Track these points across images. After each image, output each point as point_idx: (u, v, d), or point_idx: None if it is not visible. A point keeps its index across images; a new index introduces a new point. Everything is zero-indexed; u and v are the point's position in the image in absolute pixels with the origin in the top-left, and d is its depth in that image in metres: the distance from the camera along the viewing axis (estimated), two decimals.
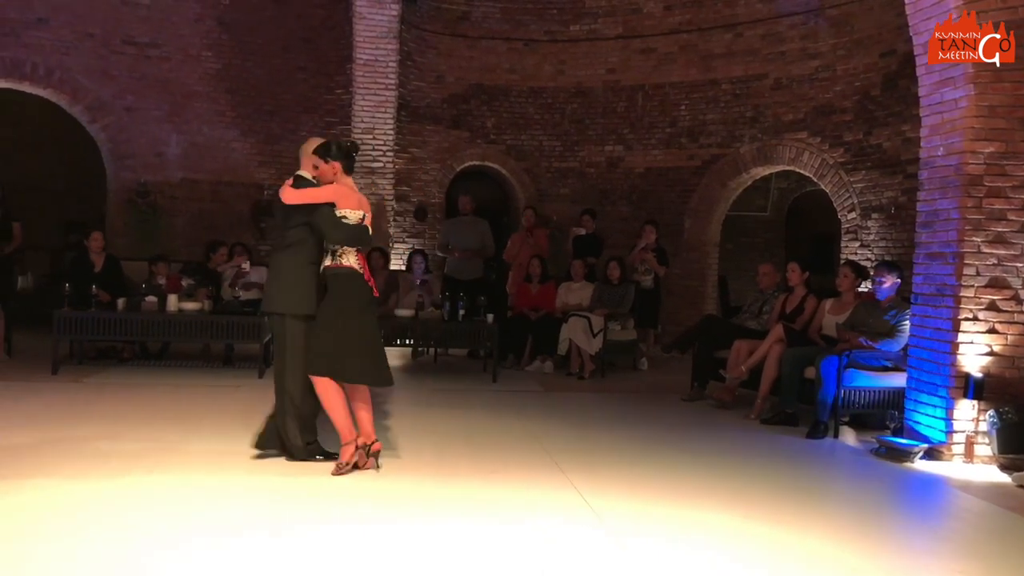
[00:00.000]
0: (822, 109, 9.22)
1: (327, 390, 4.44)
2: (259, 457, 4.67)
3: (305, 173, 4.71)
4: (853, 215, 8.86)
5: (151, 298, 7.39)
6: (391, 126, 10.17)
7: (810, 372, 6.00)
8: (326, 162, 4.60)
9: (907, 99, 7.80)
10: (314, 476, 4.37)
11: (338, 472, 4.37)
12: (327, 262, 4.50)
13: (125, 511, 3.73)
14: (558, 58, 10.90)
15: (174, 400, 6.25)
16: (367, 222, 4.63)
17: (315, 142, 4.73)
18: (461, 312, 7.75)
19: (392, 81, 10.03)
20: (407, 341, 8.00)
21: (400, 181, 10.50)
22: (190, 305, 7.44)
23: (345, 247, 4.48)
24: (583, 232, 9.45)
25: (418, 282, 8.77)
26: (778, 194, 13.08)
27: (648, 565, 3.34)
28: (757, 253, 12.46)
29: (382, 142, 10.17)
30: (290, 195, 4.55)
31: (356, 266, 4.51)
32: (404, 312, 7.95)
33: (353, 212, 4.54)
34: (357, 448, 4.46)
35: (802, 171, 9.71)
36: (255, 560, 3.22)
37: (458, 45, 10.83)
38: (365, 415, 4.53)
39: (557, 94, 10.98)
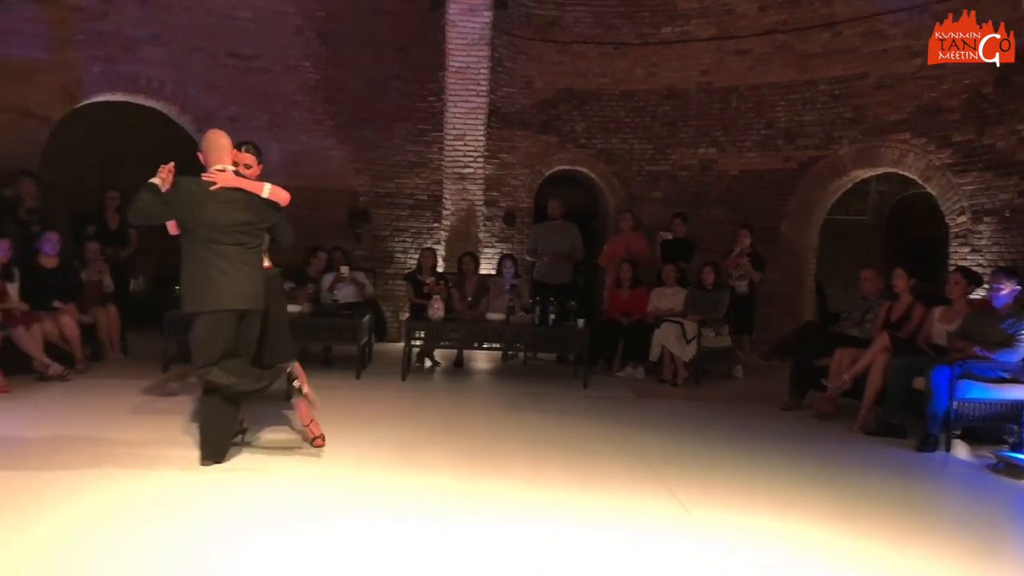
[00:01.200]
0: (928, 108, 8.85)
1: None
2: (357, 456, 4.78)
3: (228, 167, 4.56)
4: (963, 219, 8.46)
5: None
6: (482, 132, 10.29)
7: (919, 383, 5.76)
8: (258, 163, 4.76)
9: (1023, 97, 7.42)
10: (408, 474, 4.45)
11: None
12: (266, 263, 4.74)
13: (220, 500, 3.88)
14: (649, 61, 10.80)
15: (277, 399, 6.45)
16: None
17: (225, 136, 4.63)
18: (551, 316, 7.76)
19: (483, 88, 10.14)
20: (497, 344, 8.07)
21: (490, 186, 10.59)
22: (291, 308, 7.66)
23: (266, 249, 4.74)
24: (670, 236, 9.34)
25: (508, 286, 8.82)
26: (878, 197, 12.63)
27: None
28: (855, 258, 12.04)
29: (472, 148, 10.29)
30: (284, 195, 4.65)
31: (272, 266, 4.86)
32: (495, 316, 8.00)
33: None
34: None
35: (906, 173, 9.33)
36: (346, 551, 3.30)
37: (548, 50, 10.86)
38: None
39: (648, 97, 10.88)
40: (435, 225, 10.62)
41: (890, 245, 12.67)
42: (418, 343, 7.94)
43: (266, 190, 4.53)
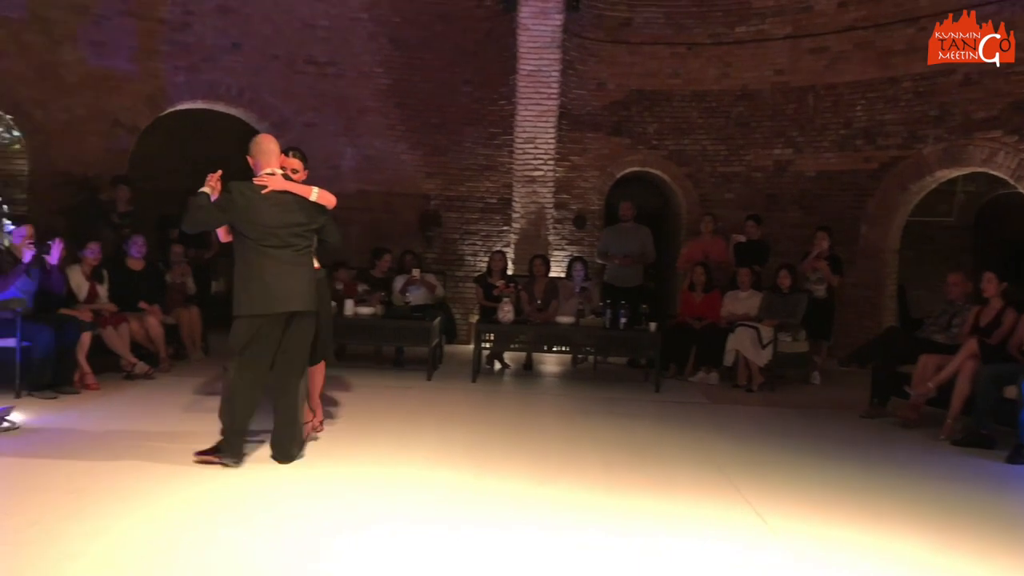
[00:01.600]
0: (1019, 105, 8.45)
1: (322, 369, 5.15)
2: (427, 456, 4.82)
3: (277, 171, 4.62)
4: None
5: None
6: (552, 135, 10.28)
7: (1011, 391, 5.50)
8: (304, 168, 4.87)
9: None
10: (478, 476, 4.46)
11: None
12: (316, 264, 4.80)
13: (301, 497, 3.96)
14: (723, 61, 10.62)
15: (351, 399, 6.57)
16: None
17: (273, 140, 4.70)
18: (622, 320, 7.69)
19: (554, 90, 10.14)
20: (566, 348, 8.03)
21: (560, 189, 10.58)
22: (365, 310, 7.81)
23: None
24: (743, 239, 9.15)
25: (578, 289, 8.78)
26: (964, 198, 12.13)
27: None
28: (940, 261, 11.57)
29: (543, 151, 10.30)
30: (332, 199, 4.67)
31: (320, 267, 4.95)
32: (564, 319, 7.98)
33: None
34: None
35: (996, 173, 8.94)
36: (424, 553, 3.32)
37: (619, 52, 10.78)
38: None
39: (721, 97, 10.70)
40: (505, 228, 10.66)
41: (978, 248, 12.15)
42: (488, 345, 7.97)
43: (314, 193, 4.56)
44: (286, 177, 4.61)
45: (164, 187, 9.78)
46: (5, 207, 8.55)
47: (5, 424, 5.07)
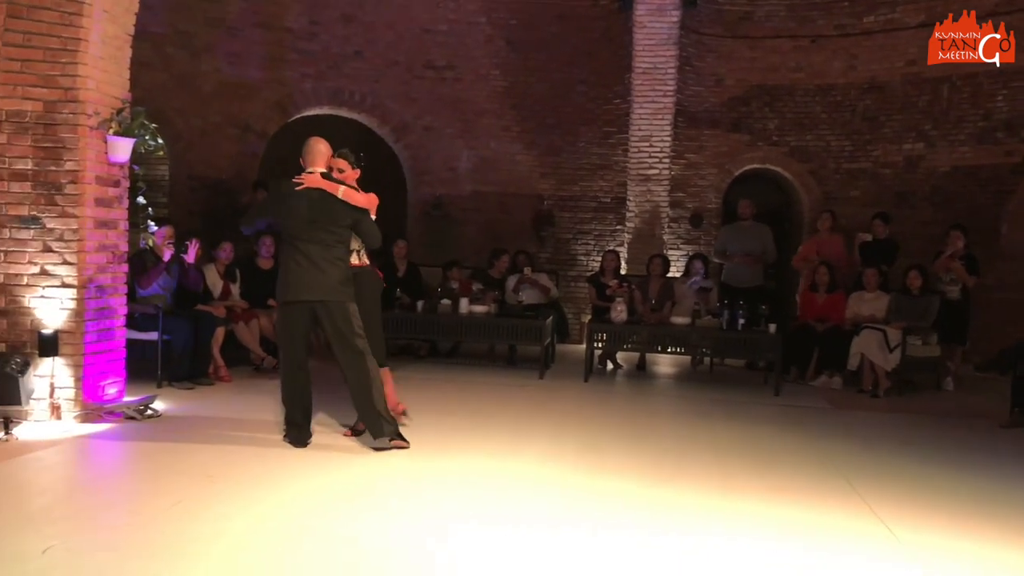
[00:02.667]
0: None
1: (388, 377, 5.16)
2: (539, 454, 4.85)
3: (319, 170, 4.86)
4: None
5: (446, 301, 7.99)
6: (668, 133, 10.13)
7: None
8: (353, 168, 5.00)
9: None
10: (590, 476, 4.46)
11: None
12: (354, 260, 4.92)
13: (420, 491, 4.06)
14: (849, 53, 10.19)
15: (466, 396, 6.70)
16: None
17: (323, 142, 4.93)
18: (740, 321, 7.50)
19: (670, 88, 9.99)
20: (681, 349, 7.90)
21: (675, 187, 10.41)
22: (479, 308, 7.93)
23: (364, 249, 4.97)
24: (870, 238, 8.73)
25: (696, 288, 8.62)
26: None
27: None
28: None
29: (658, 149, 10.16)
30: (361, 198, 4.85)
31: (368, 263, 5.06)
32: (679, 320, 7.85)
33: None
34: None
35: None
36: (535, 550, 3.35)
37: (739, 46, 10.52)
38: None
39: (847, 91, 10.27)
40: (618, 227, 10.59)
41: None
42: (600, 345, 7.94)
43: (340, 191, 4.75)
44: (327, 176, 4.81)
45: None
46: (150, 209, 9.16)
47: (148, 412, 5.44)
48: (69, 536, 3.33)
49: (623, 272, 9.21)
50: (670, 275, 8.94)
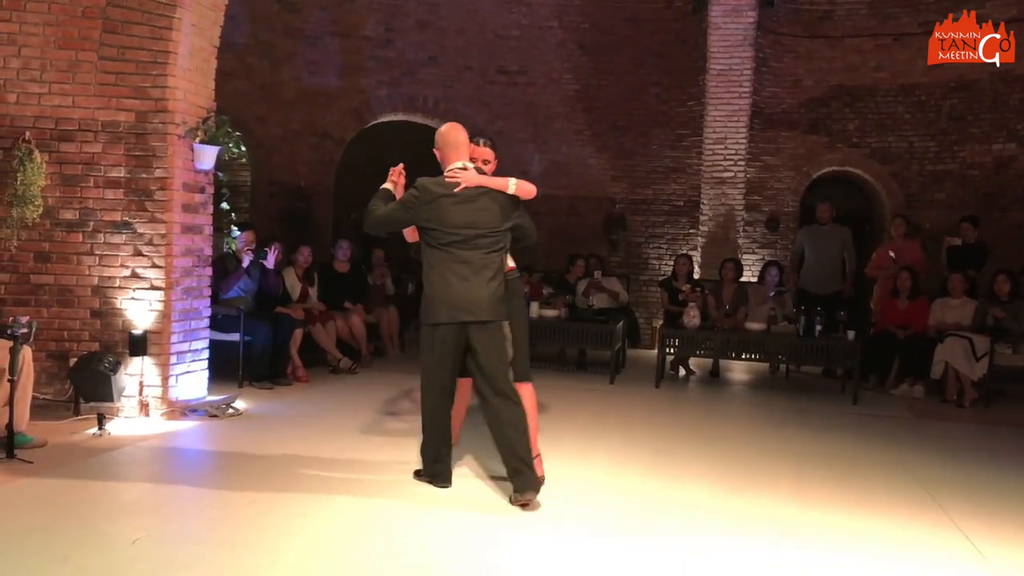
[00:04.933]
0: None
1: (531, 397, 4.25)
2: (610, 460, 4.84)
3: (468, 164, 4.12)
4: None
5: None
6: (743, 135, 9.98)
7: None
8: (494, 158, 4.32)
9: None
10: (662, 483, 4.42)
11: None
12: (510, 263, 4.22)
13: (499, 492, 4.09)
14: None
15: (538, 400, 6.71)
16: None
17: (462, 129, 4.17)
18: (818, 327, 7.33)
19: (746, 89, 9.84)
20: (756, 355, 7.77)
21: (751, 190, 10.25)
22: (550, 312, 7.96)
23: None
24: (959, 242, 8.40)
25: (771, 294, 8.46)
26: None
27: None
28: None
29: (733, 151, 10.02)
30: (531, 189, 4.14)
31: (515, 267, 4.30)
32: (755, 326, 7.72)
33: None
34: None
35: None
36: (605, 558, 3.35)
37: (818, 46, 10.29)
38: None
39: (932, 90, 9.93)
40: (692, 231, 10.47)
41: None
42: (672, 351, 7.87)
43: (512, 185, 4.05)
44: (478, 171, 4.12)
45: (366, 195, 10.45)
46: (233, 215, 9.50)
47: (230, 411, 5.64)
48: (157, 528, 3.49)
49: (696, 277, 9.10)
50: (744, 279, 8.79)
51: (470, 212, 3.99)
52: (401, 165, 4.31)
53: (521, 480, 3.91)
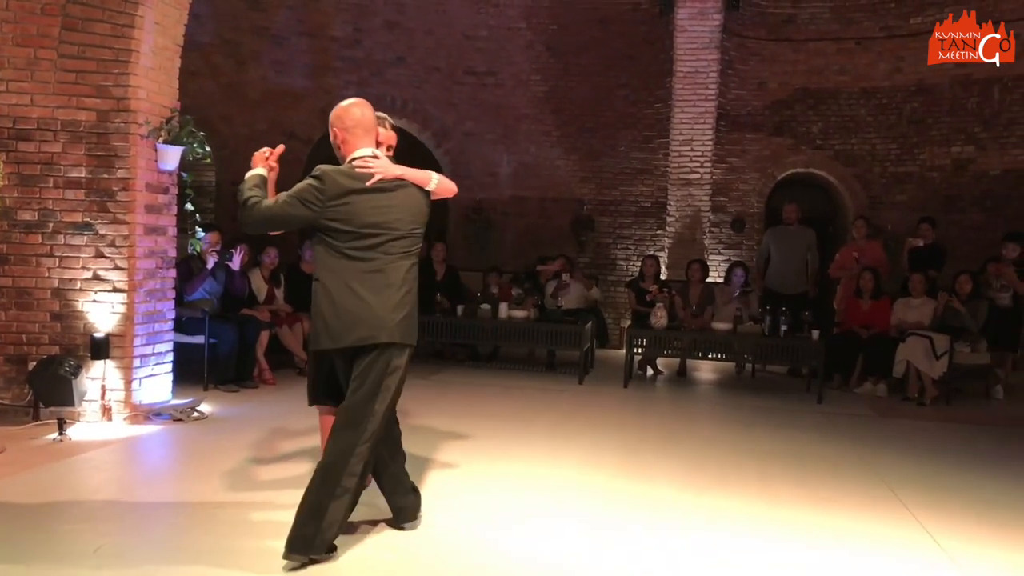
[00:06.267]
0: None
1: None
2: (579, 459, 4.85)
3: (374, 151, 3.41)
4: None
5: (485, 306, 8.03)
6: (710, 136, 10.09)
7: None
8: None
9: None
10: (629, 482, 4.45)
11: None
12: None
13: (461, 493, 4.09)
14: (895, 55, 10.04)
15: (506, 400, 6.73)
16: None
17: (368, 106, 3.43)
18: (783, 328, 7.42)
19: (712, 91, 9.95)
20: (722, 355, 7.85)
21: (717, 192, 10.35)
22: (519, 313, 7.96)
23: None
24: (921, 243, 8.55)
25: (736, 294, 8.55)
26: None
27: None
28: None
29: (700, 153, 10.12)
30: (451, 187, 3.56)
31: None
32: (721, 326, 7.80)
33: None
34: None
35: None
36: (562, 554, 3.36)
37: (782, 49, 10.42)
38: None
39: (893, 94, 10.11)
40: (659, 232, 10.55)
41: None
42: (640, 351, 7.91)
43: (433, 182, 3.42)
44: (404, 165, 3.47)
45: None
46: (198, 216, 9.36)
47: (195, 415, 5.57)
48: (120, 535, 3.43)
49: (663, 277, 9.16)
50: (710, 280, 8.87)
51: (385, 210, 3.28)
52: (281, 148, 3.52)
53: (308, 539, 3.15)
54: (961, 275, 7.66)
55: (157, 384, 5.59)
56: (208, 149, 9.67)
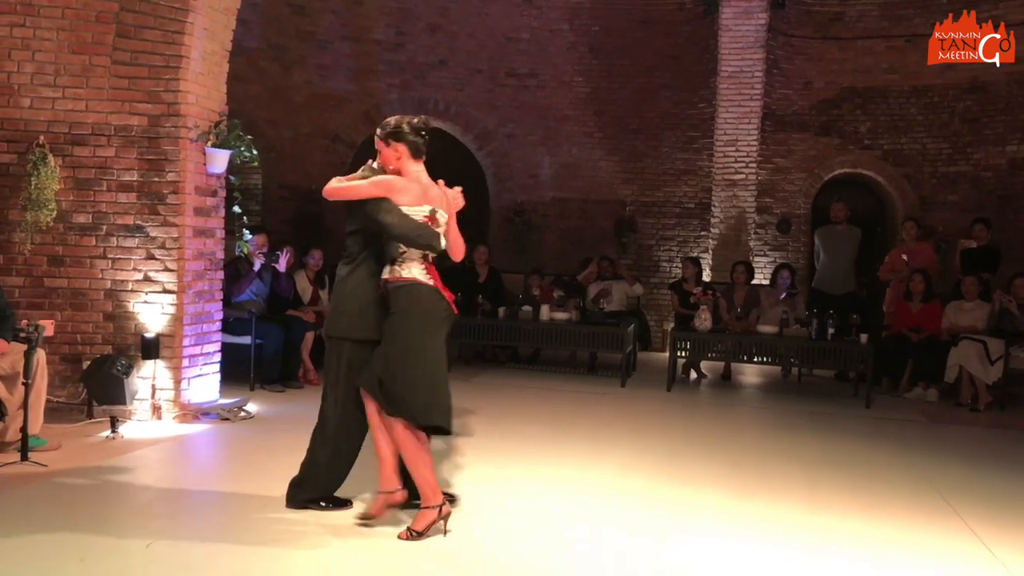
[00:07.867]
0: None
1: (407, 440, 3.54)
2: (621, 464, 4.82)
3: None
4: None
5: (527, 308, 8.02)
6: (755, 137, 9.97)
7: None
8: (387, 145, 3.73)
9: None
10: (672, 487, 4.40)
11: (408, 537, 3.45)
12: (385, 274, 3.63)
13: (502, 498, 4.09)
14: None
15: (548, 403, 6.72)
16: (440, 221, 3.65)
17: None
18: (830, 330, 7.29)
19: (757, 91, 9.82)
20: (767, 359, 7.74)
21: (762, 193, 10.22)
22: (560, 315, 7.95)
23: (409, 254, 3.57)
24: (973, 245, 8.34)
25: (782, 297, 8.42)
26: None
27: None
28: None
29: (745, 154, 10.00)
30: (329, 189, 3.83)
31: (423, 277, 3.58)
32: (767, 328, 7.69)
33: (414, 209, 3.59)
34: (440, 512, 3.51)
35: None
36: (601, 560, 3.33)
37: (829, 48, 10.25)
38: (394, 458, 3.66)
39: (945, 92, 9.87)
40: (703, 233, 10.44)
41: None
42: (683, 354, 7.84)
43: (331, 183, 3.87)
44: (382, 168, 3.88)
45: None
46: (245, 218, 9.51)
47: (242, 414, 5.66)
48: (170, 530, 3.50)
49: (707, 279, 9.07)
50: (755, 282, 8.75)
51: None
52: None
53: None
54: (1017, 278, 7.45)
55: (205, 384, 5.70)
56: (255, 152, 9.87)
